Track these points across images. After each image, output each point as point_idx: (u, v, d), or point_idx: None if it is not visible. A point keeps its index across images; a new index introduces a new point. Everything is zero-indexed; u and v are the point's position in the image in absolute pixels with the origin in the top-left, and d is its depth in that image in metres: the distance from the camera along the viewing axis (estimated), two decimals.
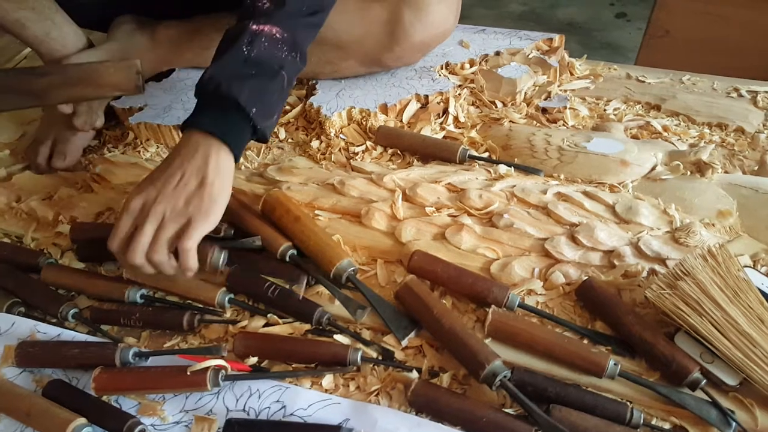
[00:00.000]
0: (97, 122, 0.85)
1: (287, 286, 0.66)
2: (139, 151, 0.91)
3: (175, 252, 0.61)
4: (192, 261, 0.61)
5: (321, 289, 0.68)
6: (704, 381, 0.55)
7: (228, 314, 0.68)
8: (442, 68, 0.99)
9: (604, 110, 0.93)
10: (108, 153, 0.91)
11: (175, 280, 0.67)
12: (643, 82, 1.00)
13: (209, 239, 0.63)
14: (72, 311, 0.68)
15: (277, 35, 0.66)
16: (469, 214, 0.73)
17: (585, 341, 0.62)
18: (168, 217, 0.60)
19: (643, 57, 1.88)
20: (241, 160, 0.88)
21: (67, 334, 0.66)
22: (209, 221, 0.61)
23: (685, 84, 0.99)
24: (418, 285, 0.65)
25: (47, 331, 0.66)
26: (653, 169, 0.79)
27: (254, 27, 0.65)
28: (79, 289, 0.71)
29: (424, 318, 0.62)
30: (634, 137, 0.86)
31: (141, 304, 0.68)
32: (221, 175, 0.62)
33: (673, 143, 0.84)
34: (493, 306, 0.62)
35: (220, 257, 0.65)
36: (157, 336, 0.67)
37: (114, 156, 0.88)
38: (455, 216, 0.73)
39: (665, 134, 0.87)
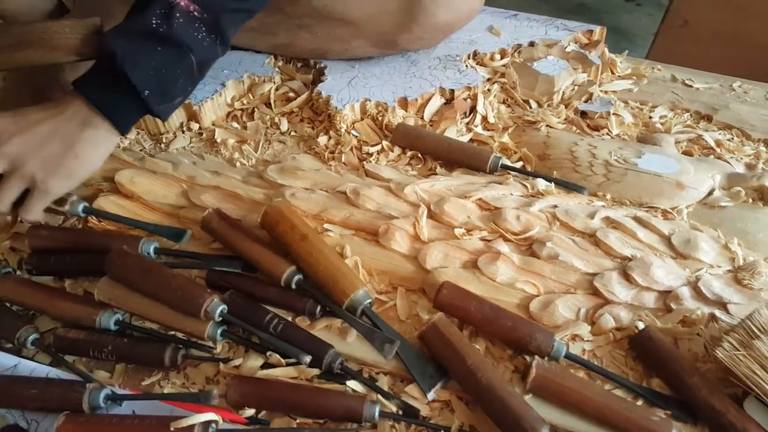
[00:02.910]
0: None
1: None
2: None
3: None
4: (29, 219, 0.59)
5: (332, 322, 0.58)
6: None
7: (218, 349, 0.57)
8: (468, 57, 0.87)
9: (650, 117, 0.83)
10: None
11: (156, 306, 0.56)
12: (690, 86, 0.89)
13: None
14: (32, 336, 0.57)
15: (195, 13, 0.57)
16: (505, 239, 0.62)
17: (640, 402, 0.53)
18: (16, 168, 0.55)
19: (660, 46, 1.80)
20: (237, 155, 0.76)
21: (26, 366, 0.55)
22: (53, 196, 0.58)
23: (737, 92, 0.89)
24: (448, 326, 0.55)
25: (1, 360, 0.55)
26: (710, 193, 0.70)
27: None
28: (39, 309, 0.59)
29: (456, 368, 0.52)
30: (686, 153, 0.76)
31: (115, 331, 0.57)
32: (92, 151, 0.58)
33: (728, 161, 0.74)
34: (536, 358, 0.52)
35: (216, 309, 0.54)
36: (133, 371, 0.57)
37: None
38: (488, 240, 0.63)
39: (718, 150, 0.77)
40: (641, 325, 0.57)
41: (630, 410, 0.50)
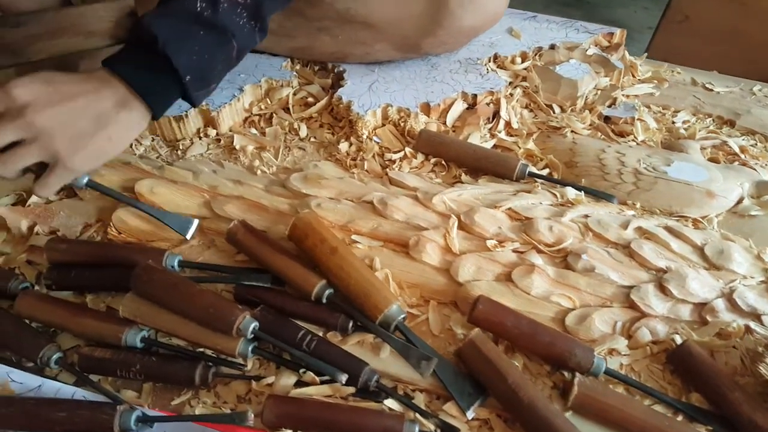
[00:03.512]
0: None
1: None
2: (130, 145, 0.76)
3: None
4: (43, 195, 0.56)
5: (364, 337, 0.57)
6: None
7: (249, 366, 0.56)
8: (489, 61, 0.85)
9: (673, 122, 0.82)
10: None
11: (185, 323, 0.55)
12: (711, 90, 0.89)
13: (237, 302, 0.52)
14: (56, 356, 0.55)
15: None
16: (538, 251, 0.61)
17: (680, 417, 0.52)
18: (38, 138, 0.52)
19: (659, 41, 1.80)
20: (257, 163, 0.74)
21: (50, 386, 0.53)
22: (74, 174, 0.55)
23: (757, 96, 0.88)
24: (486, 343, 0.54)
25: (24, 380, 0.53)
26: (739, 201, 0.69)
27: None
28: (61, 327, 0.58)
29: (495, 386, 0.51)
30: (713, 160, 0.75)
31: (141, 348, 0.56)
32: (124, 133, 0.56)
33: (753, 168, 0.74)
34: (577, 375, 0.52)
35: (249, 327, 0.52)
36: (161, 389, 0.55)
37: None
38: (521, 252, 0.61)
39: (743, 156, 0.76)
40: (678, 339, 0.57)
41: (673, 428, 0.50)
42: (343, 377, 0.52)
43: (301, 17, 0.77)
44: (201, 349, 0.56)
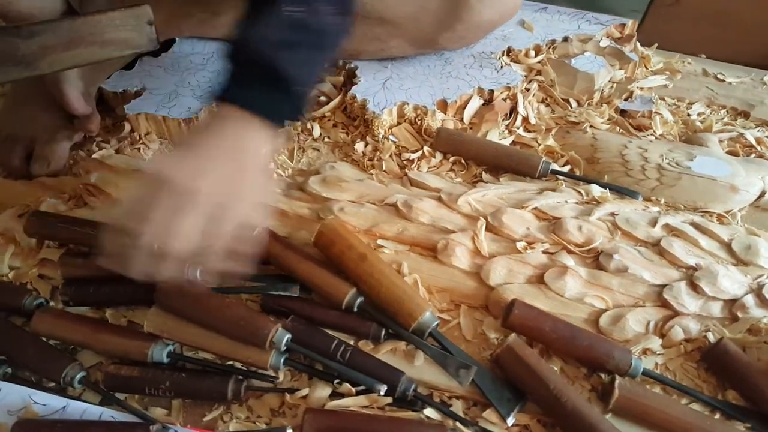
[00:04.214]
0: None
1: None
2: (138, 149, 0.73)
3: None
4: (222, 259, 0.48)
5: (397, 345, 0.56)
6: None
7: (281, 378, 0.54)
8: (503, 54, 0.84)
9: (688, 115, 0.81)
10: (98, 150, 0.73)
11: (213, 337, 0.53)
12: (723, 81, 0.88)
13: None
14: (79, 375, 0.53)
15: None
16: (568, 251, 0.61)
17: (717, 416, 0.52)
18: (205, 203, 0.45)
19: (648, 25, 1.79)
20: (272, 165, 0.72)
21: (76, 407, 0.51)
22: (247, 207, 0.49)
23: None
24: (524, 348, 0.53)
25: (48, 402, 0.51)
26: (761, 195, 0.69)
27: None
28: (83, 344, 0.55)
29: (536, 391, 0.51)
30: (732, 153, 0.75)
31: (167, 364, 0.54)
32: (262, 152, 0.51)
33: None
34: (617, 378, 0.51)
35: (283, 339, 0.51)
36: (191, 405, 0.53)
37: (110, 157, 0.70)
38: (551, 253, 0.61)
39: (759, 149, 0.76)
40: (711, 337, 0.56)
41: (714, 427, 0.50)
42: (383, 388, 0.51)
43: None
44: (230, 362, 0.54)
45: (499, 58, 0.82)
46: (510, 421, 0.51)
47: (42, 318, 0.55)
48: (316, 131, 0.77)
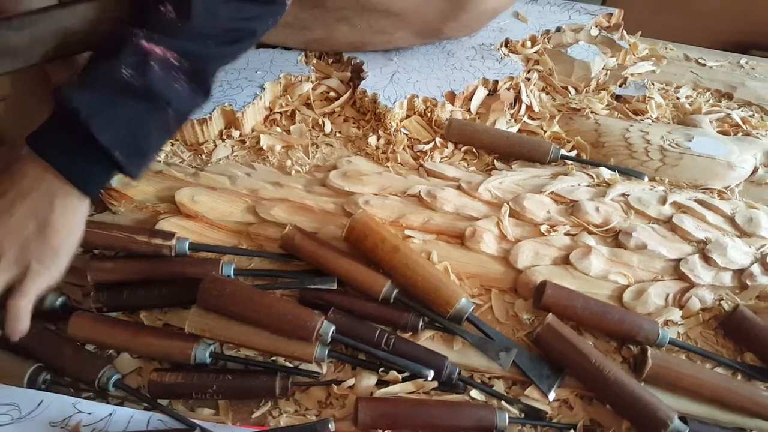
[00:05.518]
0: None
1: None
2: None
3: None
4: (24, 322, 0.48)
5: (435, 332, 0.57)
6: None
7: (324, 370, 0.55)
8: (502, 46, 0.86)
9: (677, 98, 0.86)
10: None
11: (257, 333, 0.53)
12: (704, 65, 0.93)
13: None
14: (114, 377, 0.52)
15: (173, 61, 0.50)
16: (589, 232, 0.63)
17: (739, 377, 0.56)
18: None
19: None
20: (288, 162, 0.72)
21: (123, 414, 0.50)
22: (50, 275, 0.49)
23: (745, 68, 0.94)
24: (563, 326, 0.55)
25: (93, 410, 0.51)
26: (754, 171, 0.74)
27: (145, 44, 0.49)
28: (122, 348, 0.55)
29: (579, 366, 0.53)
30: (723, 132, 0.80)
31: (213, 368, 0.54)
32: (68, 221, 0.49)
33: (758, 138, 0.79)
34: (649, 348, 0.54)
35: (329, 331, 0.51)
36: (237, 404, 0.53)
37: None
38: (573, 234, 0.63)
39: (744, 127, 0.81)
40: (725, 305, 0.60)
41: (743, 389, 0.53)
42: (430, 373, 0.52)
43: (320, 8, 0.75)
44: (273, 358, 0.55)
45: (499, 49, 0.85)
46: (551, 396, 0.54)
47: (78, 322, 0.54)
48: (327, 127, 0.77)
